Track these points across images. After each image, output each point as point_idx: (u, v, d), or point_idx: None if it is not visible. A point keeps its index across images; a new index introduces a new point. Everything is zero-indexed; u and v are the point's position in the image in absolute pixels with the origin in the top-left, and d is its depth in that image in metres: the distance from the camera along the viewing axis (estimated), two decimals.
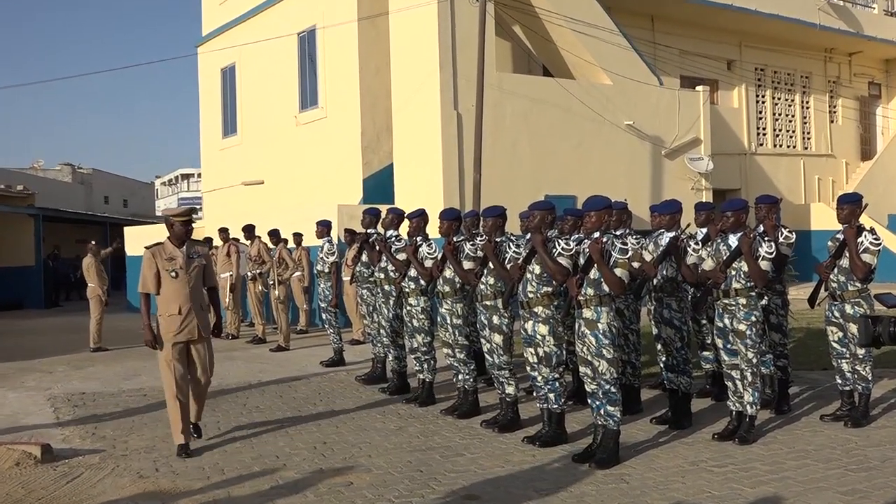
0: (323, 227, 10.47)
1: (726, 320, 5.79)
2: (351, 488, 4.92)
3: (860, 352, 6.08)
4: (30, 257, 20.67)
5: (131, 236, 18.52)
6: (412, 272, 7.14)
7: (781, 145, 21.36)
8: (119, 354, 11.06)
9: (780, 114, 21.41)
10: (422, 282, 7.06)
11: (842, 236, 6.08)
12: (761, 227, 6.42)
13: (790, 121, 21.61)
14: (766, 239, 5.75)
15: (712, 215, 6.83)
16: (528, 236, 5.80)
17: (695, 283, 6.23)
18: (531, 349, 5.81)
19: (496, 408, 6.61)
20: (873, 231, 6.03)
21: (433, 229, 7.08)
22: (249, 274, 12.15)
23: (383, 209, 8.53)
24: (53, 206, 24.81)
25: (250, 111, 18.92)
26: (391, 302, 7.74)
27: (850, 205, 6.11)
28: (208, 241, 13.83)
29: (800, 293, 9.01)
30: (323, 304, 10.11)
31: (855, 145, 23.12)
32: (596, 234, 5.38)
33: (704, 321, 6.91)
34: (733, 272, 5.71)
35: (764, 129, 21.05)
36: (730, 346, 5.82)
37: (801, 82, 21.82)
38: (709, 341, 6.91)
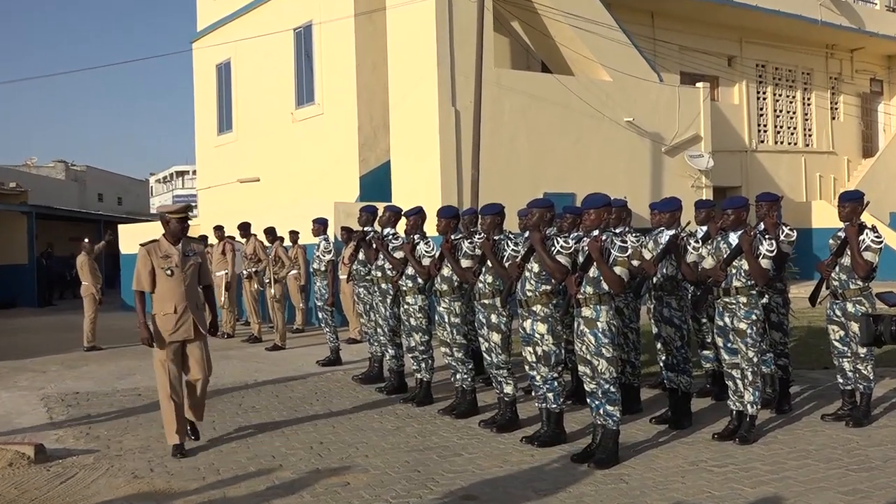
0: (319, 225, 10.41)
1: (727, 319, 5.77)
2: (348, 488, 4.90)
3: (862, 351, 6.06)
4: (23, 255, 20.58)
5: (125, 234, 18.45)
6: (409, 270, 7.11)
7: (782, 142, 21.33)
8: (113, 354, 11.02)
9: (781, 110, 21.37)
10: (419, 280, 7.04)
11: (843, 234, 6.06)
12: (762, 225, 6.41)
13: (791, 118, 21.58)
14: (766, 237, 5.73)
15: (712, 213, 6.79)
16: (527, 234, 5.77)
17: (695, 281, 6.22)
18: (530, 348, 5.79)
19: (494, 407, 6.60)
20: (875, 229, 6.01)
21: (431, 227, 7.04)
22: (245, 272, 12.10)
23: (380, 207, 8.49)
24: (47, 203, 24.67)
25: (246, 108, 18.86)
26: (388, 300, 7.70)
27: (851, 202, 6.09)
28: (203, 238, 13.77)
29: (801, 291, 8.99)
30: (319, 303, 10.06)
31: (856, 142, 23.09)
32: (595, 232, 5.35)
33: (705, 320, 6.87)
34: (734, 270, 5.69)
35: (765, 125, 21.02)
36: (730, 344, 5.80)
37: (803, 79, 21.78)
38: (709, 340, 6.88)
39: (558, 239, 5.52)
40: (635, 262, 5.61)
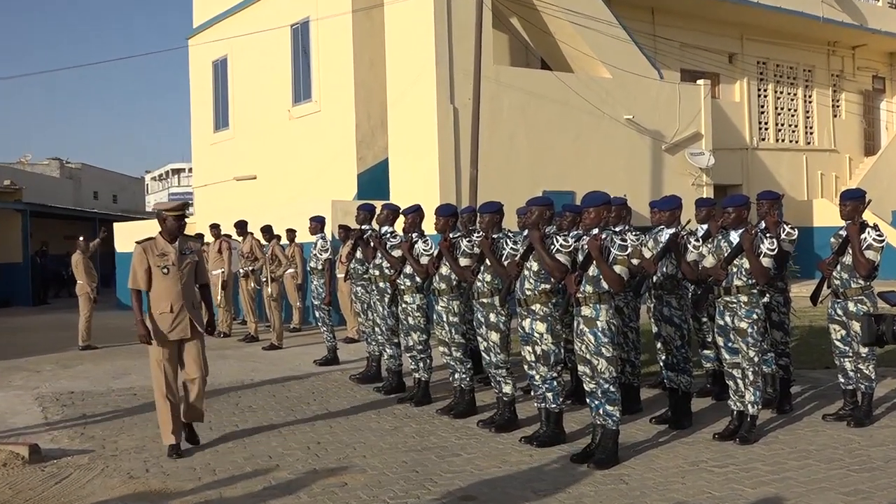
0: (316, 224, 10.37)
1: (727, 318, 5.75)
2: (345, 489, 4.88)
3: (863, 350, 6.04)
4: (17, 254, 20.52)
5: (121, 232, 18.37)
6: (408, 269, 7.08)
7: (784, 140, 21.28)
8: (108, 353, 10.98)
9: (782, 108, 21.31)
10: (417, 279, 7.02)
11: (845, 233, 6.04)
12: (763, 224, 6.39)
13: (792, 115, 21.52)
14: (767, 235, 5.73)
15: (713, 211, 6.78)
16: (526, 233, 5.75)
17: (695, 280, 6.21)
18: (529, 347, 5.76)
19: (493, 407, 6.58)
20: (877, 227, 6.00)
21: (429, 225, 7.01)
22: (241, 271, 12.06)
23: (378, 205, 8.47)
24: (41, 201, 24.58)
25: (242, 105, 18.79)
26: (386, 299, 7.66)
27: (853, 201, 6.07)
28: (199, 237, 13.72)
29: (802, 290, 8.96)
30: (316, 302, 10.02)
31: (858, 140, 23.03)
32: (595, 231, 5.33)
33: (705, 319, 6.85)
34: (734, 269, 5.68)
35: (766, 123, 20.96)
36: (731, 344, 5.78)
37: (804, 76, 21.73)
38: (709, 339, 6.86)
39: (557, 237, 5.51)
40: (635, 261, 5.60)
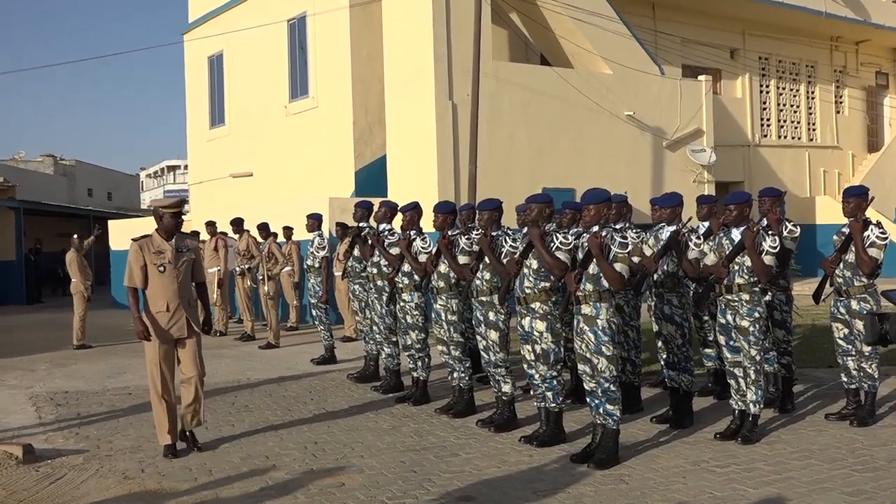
0: (313, 221, 10.32)
1: (729, 317, 5.73)
2: (343, 489, 4.86)
3: (866, 349, 6.01)
4: (10, 251, 20.49)
5: (116, 230, 18.31)
6: (406, 267, 7.06)
7: (786, 137, 21.23)
8: (103, 352, 10.96)
9: (784, 104, 21.26)
10: (416, 277, 6.98)
11: (848, 230, 6.00)
12: (765, 221, 6.35)
13: (795, 111, 21.47)
14: (769, 233, 5.69)
15: (714, 209, 6.77)
16: (525, 230, 5.72)
17: (696, 278, 6.17)
18: (528, 346, 5.73)
19: (492, 407, 6.55)
20: (880, 225, 5.97)
21: (427, 223, 6.99)
22: (238, 269, 12.03)
23: (376, 202, 8.41)
24: (35, 198, 24.43)
25: (238, 101, 18.73)
26: (384, 298, 7.61)
27: (856, 198, 6.03)
28: (195, 234, 13.65)
29: (804, 289, 8.94)
30: (313, 300, 9.98)
31: (862, 137, 22.98)
32: (595, 228, 5.29)
33: (706, 317, 6.82)
34: (736, 267, 5.65)
35: (768, 119, 20.90)
36: (732, 343, 5.75)
37: (807, 72, 21.68)
38: (711, 338, 6.84)
39: (557, 235, 5.48)
40: (636, 259, 5.57)
